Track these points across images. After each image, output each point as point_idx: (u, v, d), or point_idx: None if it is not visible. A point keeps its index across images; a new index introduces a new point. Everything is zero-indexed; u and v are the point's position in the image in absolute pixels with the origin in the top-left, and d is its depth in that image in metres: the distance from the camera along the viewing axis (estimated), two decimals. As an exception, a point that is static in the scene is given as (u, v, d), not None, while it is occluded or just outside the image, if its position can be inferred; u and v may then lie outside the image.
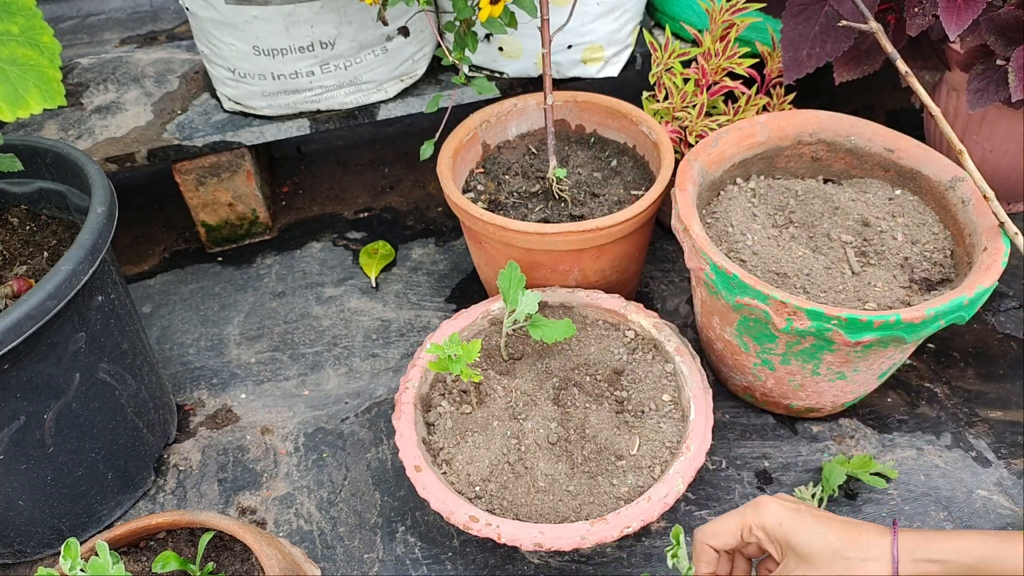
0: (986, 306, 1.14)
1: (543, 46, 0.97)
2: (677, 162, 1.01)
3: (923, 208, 0.98)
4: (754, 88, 1.14)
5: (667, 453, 0.85)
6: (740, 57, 1.12)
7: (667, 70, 1.15)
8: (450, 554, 0.91)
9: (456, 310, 1.13)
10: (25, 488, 0.85)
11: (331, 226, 1.38)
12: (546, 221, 1.04)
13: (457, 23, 0.95)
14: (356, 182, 1.47)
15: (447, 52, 0.97)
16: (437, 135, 0.99)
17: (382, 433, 1.05)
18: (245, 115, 1.23)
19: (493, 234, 0.98)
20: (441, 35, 1.11)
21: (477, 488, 0.84)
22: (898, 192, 1.00)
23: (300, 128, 1.23)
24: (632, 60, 1.27)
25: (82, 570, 0.69)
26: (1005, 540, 0.64)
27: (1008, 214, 1.01)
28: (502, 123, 1.15)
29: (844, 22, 0.93)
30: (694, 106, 1.12)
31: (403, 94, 1.25)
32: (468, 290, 1.24)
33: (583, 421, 0.89)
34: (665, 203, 1.03)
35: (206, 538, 0.78)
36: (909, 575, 0.64)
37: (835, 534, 0.67)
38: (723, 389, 1.06)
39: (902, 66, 0.89)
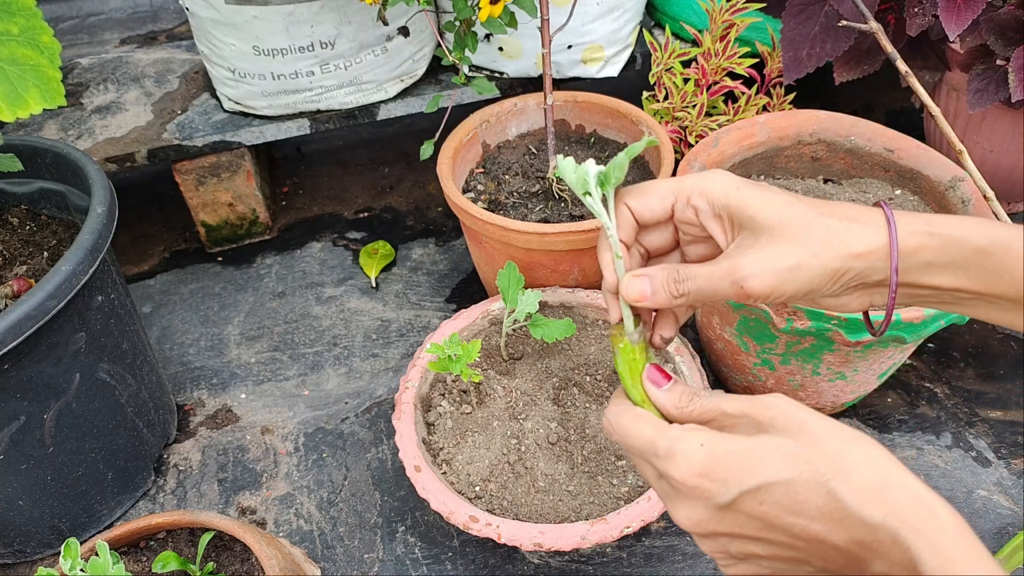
0: (986, 306, 1.14)
1: (543, 46, 0.97)
2: (677, 162, 1.01)
3: (923, 208, 0.98)
4: (754, 88, 1.14)
5: (667, 453, 0.85)
6: (740, 57, 1.12)
7: (667, 70, 1.15)
8: (450, 554, 0.91)
9: (456, 310, 1.13)
10: (25, 488, 0.85)
11: (331, 226, 1.38)
12: (546, 221, 1.04)
13: (457, 23, 0.95)
14: (356, 182, 1.47)
15: (447, 52, 0.97)
16: (437, 135, 0.99)
17: (382, 433, 1.05)
18: (245, 115, 1.23)
19: (493, 234, 0.98)
20: (441, 35, 1.11)
21: (477, 488, 0.84)
22: (898, 192, 1.00)
23: (300, 128, 1.23)
24: (632, 60, 1.27)
25: (82, 570, 0.69)
26: (1017, 229, 0.48)
27: (1008, 214, 1.01)
28: (502, 123, 1.15)
29: (844, 22, 0.93)
30: (694, 106, 1.12)
31: (403, 94, 1.25)
32: (468, 290, 1.24)
33: (583, 421, 0.89)
34: (665, 203, 1.03)
35: (206, 538, 0.78)
36: (906, 245, 0.47)
37: (806, 203, 0.48)
38: (723, 389, 1.06)
39: (902, 66, 0.89)
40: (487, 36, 1.18)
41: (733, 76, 1.15)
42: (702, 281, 0.48)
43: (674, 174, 0.99)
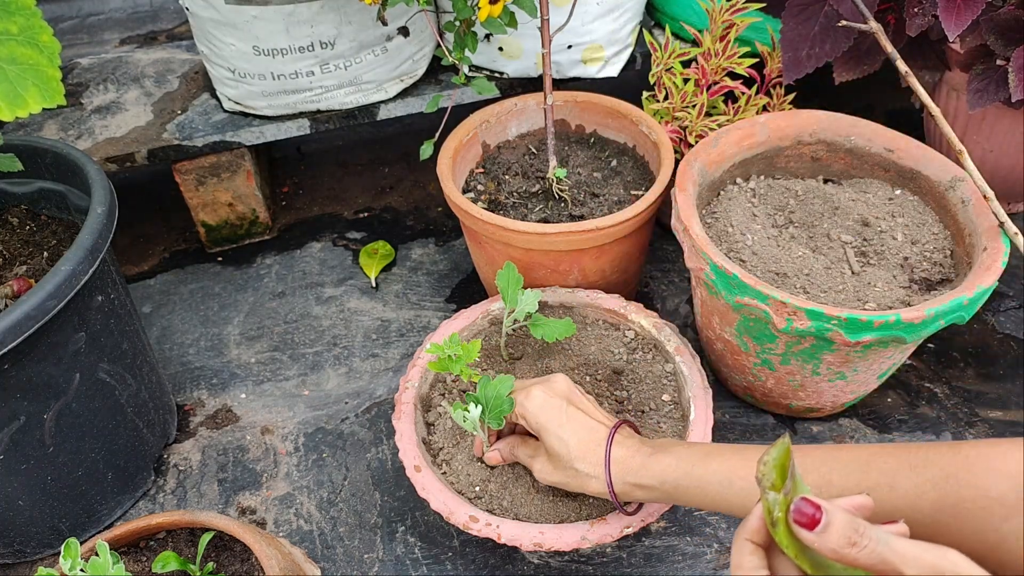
0: (986, 306, 1.14)
1: (543, 46, 0.97)
2: (677, 162, 1.01)
3: (923, 208, 0.98)
4: (754, 88, 1.14)
5: (667, 453, 0.85)
6: (740, 57, 1.12)
7: (667, 70, 1.15)
8: (450, 554, 0.91)
9: (456, 310, 1.13)
10: (25, 488, 0.85)
11: (331, 226, 1.38)
12: (546, 221, 1.04)
13: (457, 23, 0.95)
14: (356, 182, 1.47)
15: (447, 52, 0.97)
16: (437, 135, 0.99)
17: (382, 433, 1.05)
18: (245, 115, 1.23)
19: (493, 234, 0.98)
20: (441, 35, 1.11)
21: (477, 488, 0.84)
22: (898, 192, 1.00)
23: (300, 128, 1.23)
24: (632, 60, 1.27)
25: (82, 570, 0.69)
26: (705, 458, 0.66)
27: (1008, 214, 1.01)
28: (502, 123, 1.15)
29: (844, 22, 0.93)
30: (694, 106, 1.12)
31: (403, 94, 1.25)
32: (468, 290, 1.24)
33: (583, 421, 0.89)
34: (665, 203, 1.03)
35: (206, 538, 0.78)
36: (623, 496, 0.71)
37: (576, 442, 0.72)
38: (723, 389, 1.06)
39: (902, 66, 0.89)
40: (487, 36, 1.18)
41: (733, 76, 1.15)
42: (517, 449, 0.81)
43: (674, 174, 0.99)
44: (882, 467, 0.56)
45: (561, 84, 1.26)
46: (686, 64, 1.23)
